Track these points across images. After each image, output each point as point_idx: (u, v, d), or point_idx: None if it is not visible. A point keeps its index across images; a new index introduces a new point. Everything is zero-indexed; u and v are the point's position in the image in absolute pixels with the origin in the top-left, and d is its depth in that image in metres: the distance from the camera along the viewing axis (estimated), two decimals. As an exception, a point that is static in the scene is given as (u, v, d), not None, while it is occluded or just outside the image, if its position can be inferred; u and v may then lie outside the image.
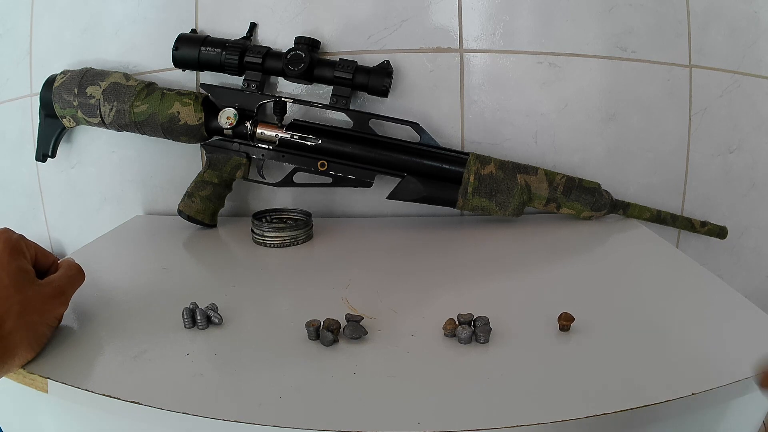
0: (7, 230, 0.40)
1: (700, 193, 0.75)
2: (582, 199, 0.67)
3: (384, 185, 0.69)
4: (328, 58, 0.68)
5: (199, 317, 0.43)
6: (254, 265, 0.59)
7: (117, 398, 0.34)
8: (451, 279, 0.54)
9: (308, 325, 0.41)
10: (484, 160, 0.65)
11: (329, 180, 0.67)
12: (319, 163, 0.67)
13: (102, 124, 0.68)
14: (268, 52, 0.65)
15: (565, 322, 0.42)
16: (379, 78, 0.64)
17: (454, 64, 0.70)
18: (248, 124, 0.66)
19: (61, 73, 0.69)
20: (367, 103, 0.71)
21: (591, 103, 0.71)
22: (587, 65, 0.70)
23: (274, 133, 0.67)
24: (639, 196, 0.74)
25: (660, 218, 0.69)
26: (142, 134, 0.69)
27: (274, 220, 0.68)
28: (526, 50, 0.69)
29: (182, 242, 0.67)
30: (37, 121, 0.72)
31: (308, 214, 0.67)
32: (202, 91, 0.70)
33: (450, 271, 0.56)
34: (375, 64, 0.66)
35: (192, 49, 0.66)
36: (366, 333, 0.42)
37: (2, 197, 0.85)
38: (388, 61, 0.66)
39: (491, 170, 0.65)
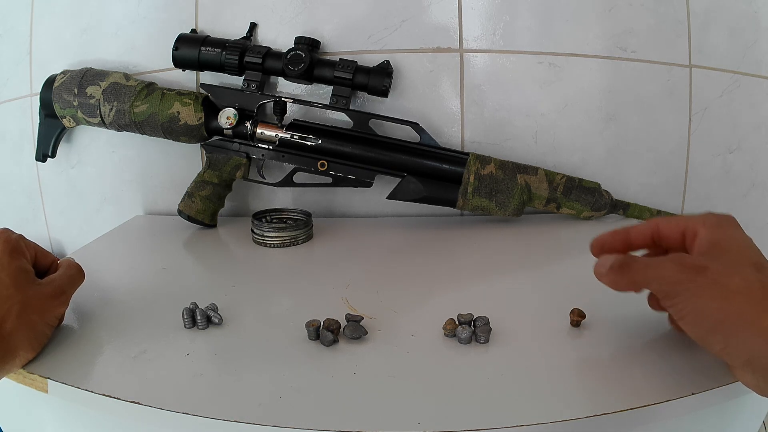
0: (6, 230, 0.40)
1: (700, 193, 0.75)
2: (582, 199, 0.67)
3: (384, 185, 0.69)
4: (328, 58, 0.68)
5: (199, 317, 0.43)
6: (254, 265, 0.59)
7: (117, 398, 0.34)
8: (451, 279, 0.54)
9: (308, 325, 0.41)
10: (484, 160, 0.65)
11: (329, 180, 0.67)
12: (319, 163, 0.67)
13: (102, 124, 0.68)
14: (268, 52, 0.65)
15: (578, 317, 0.42)
16: (379, 78, 0.64)
17: (454, 64, 0.70)
18: (248, 124, 0.66)
19: (61, 73, 0.69)
20: (367, 103, 0.71)
21: (591, 103, 0.71)
22: (587, 65, 0.70)
23: (274, 133, 0.67)
24: (639, 196, 0.74)
25: (660, 218, 0.69)
26: (142, 134, 0.69)
27: (274, 220, 0.68)
28: (526, 50, 0.69)
29: (182, 242, 0.67)
30: (37, 121, 0.72)
31: (308, 214, 0.67)
32: (202, 91, 0.70)
33: (450, 271, 0.56)
34: (375, 64, 0.66)
35: (192, 49, 0.66)
36: (366, 333, 0.42)
37: (2, 197, 0.85)
38: (388, 61, 0.66)
39: (491, 170, 0.65)
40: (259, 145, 0.67)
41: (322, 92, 0.71)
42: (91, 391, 0.35)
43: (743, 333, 0.30)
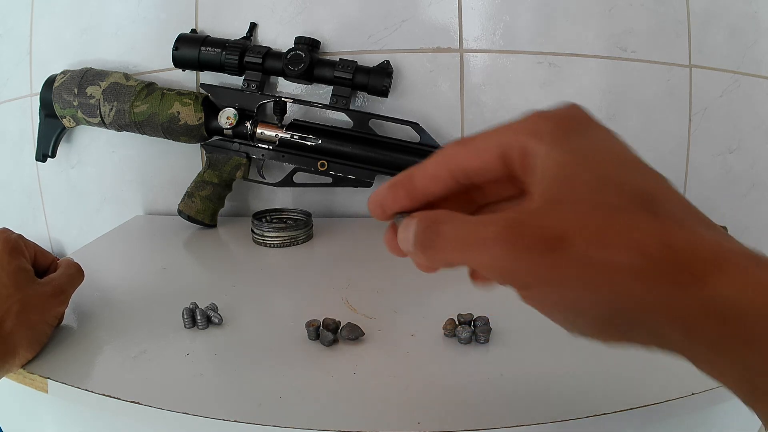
0: (5, 230, 0.40)
1: (700, 193, 0.75)
2: (582, 199, 0.66)
3: (384, 185, 0.69)
4: (328, 58, 0.68)
5: (199, 317, 0.43)
6: (254, 265, 0.59)
7: (117, 398, 0.34)
8: (451, 279, 0.54)
9: (308, 325, 0.41)
10: (484, 160, 0.65)
11: (329, 180, 0.67)
12: (319, 163, 0.67)
13: (102, 124, 0.68)
14: (268, 52, 0.65)
15: None
16: (379, 78, 0.64)
17: (454, 64, 0.70)
18: (248, 124, 0.66)
19: (61, 73, 0.69)
20: (367, 103, 0.71)
21: (591, 103, 0.71)
22: (587, 65, 0.70)
23: (274, 133, 0.67)
24: (639, 196, 0.74)
25: (660, 218, 0.69)
26: (142, 134, 0.69)
27: (274, 220, 0.68)
28: (526, 50, 0.69)
29: (182, 242, 0.66)
30: (37, 121, 0.72)
31: (308, 214, 0.67)
32: (202, 91, 0.70)
33: (450, 271, 0.55)
34: (375, 64, 0.66)
35: (192, 49, 0.66)
36: (363, 334, 0.41)
37: (2, 197, 0.85)
38: (388, 61, 0.66)
39: (491, 170, 0.65)
40: (259, 145, 0.67)
41: (322, 92, 0.71)
42: (91, 391, 0.35)
43: (648, 322, 0.19)
